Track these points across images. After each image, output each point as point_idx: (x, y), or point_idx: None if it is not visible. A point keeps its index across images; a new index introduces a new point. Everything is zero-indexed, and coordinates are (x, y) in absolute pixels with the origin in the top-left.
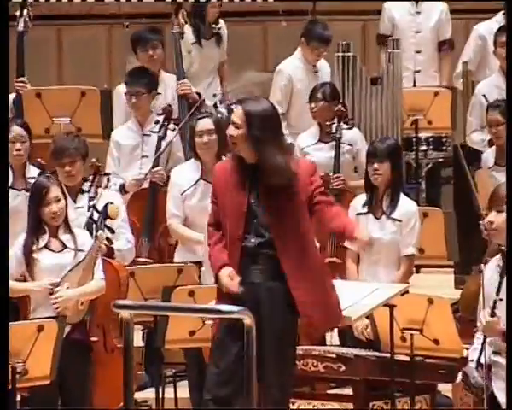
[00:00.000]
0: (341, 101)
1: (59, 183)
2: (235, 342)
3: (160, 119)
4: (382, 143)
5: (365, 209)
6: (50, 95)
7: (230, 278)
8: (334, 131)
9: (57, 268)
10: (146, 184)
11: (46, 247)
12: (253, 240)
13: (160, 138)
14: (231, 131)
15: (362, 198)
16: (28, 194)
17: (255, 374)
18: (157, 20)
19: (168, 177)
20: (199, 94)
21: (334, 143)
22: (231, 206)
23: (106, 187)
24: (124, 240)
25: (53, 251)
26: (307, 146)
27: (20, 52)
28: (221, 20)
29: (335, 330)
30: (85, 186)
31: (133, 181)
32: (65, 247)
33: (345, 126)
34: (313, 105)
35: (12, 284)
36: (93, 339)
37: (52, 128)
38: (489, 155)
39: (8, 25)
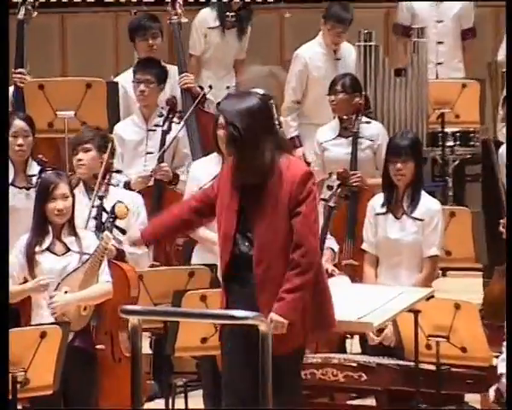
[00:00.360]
0: (363, 93)
1: (69, 180)
2: (238, 349)
3: (164, 111)
4: (404, 140)
5: (384, 209)
6: (54, 87)
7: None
8: (351, 125)
9: (60, 273)
10: (150, 182)
11: (49, 249)
12: (240, 242)
13: (165, 133)
14: (220, 131)
15: (381, 197)
16: (28, 192)
17: (271, 383)
18: (161, 8)
19: (174, 174)
20: (201, 87)
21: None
22: (226, 204)
23: (117, 185)
24: None
25: (56, 254)
26: (326, 141)
27: (20, 42)
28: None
29: (356, 336)
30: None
31: (139, 179)
32: (68, 250)
33: (363, 120)
34: (332, 98)
35: (10, 288)
36: (99, 347)
37: (55, 122)
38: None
39: (9, 12)
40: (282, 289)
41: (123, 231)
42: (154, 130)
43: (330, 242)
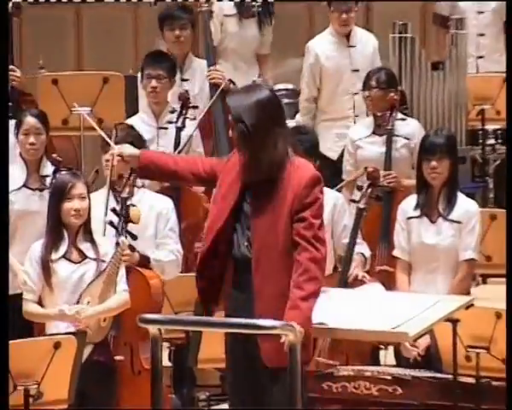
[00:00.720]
0: (398, 88)
1: (86, 181)
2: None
3: (177, 107)
4: (439, 137)
5: (418, 212)
6: (68, 81)
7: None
8: (385, 122)
9: (76, 281)
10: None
11: (65, 257)
12: (240, 242)
13: (179, 129)
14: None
15: (412, 200)
16: (42, 194)
17: (300, 397)
18: None
19: None
20: (232, 82)
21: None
22: (223, 194)
23: (143, 186)
24: (166, 251)
25: (72, 262)
26: (360, 139)
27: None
28: (270, 4)
29: (390, 348)
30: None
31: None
32: (85, 257)
33: (398, 117)
34: (367, 93)
35: (31, 307)
36: (118, 358)
37: (70, 119)
38: None
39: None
40: (295, 297)
41: (134, 237)
42: (166, 128)
43: (361, 247)
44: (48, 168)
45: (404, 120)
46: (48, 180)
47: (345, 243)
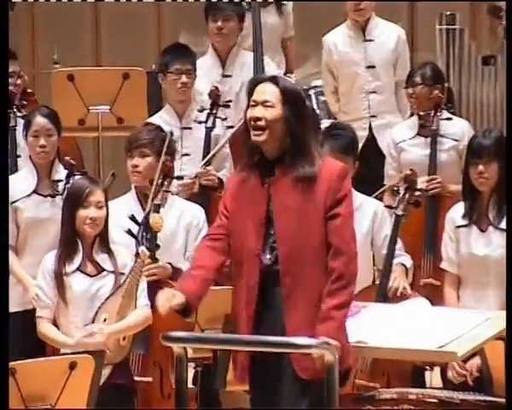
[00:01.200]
0: (445, 85)
1: (106, 189)
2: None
3: (206, 105)
4: (487, 138)
5: (466, 221)
6: (85, 77)
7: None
8: (429, 122)
9: (92, 296)
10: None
11: (80, 269)
12: (268, 256)
13: (209, 130)
14: (260, 112)
15: (461, 207)
16: (54, 200)
17: None
18: None
19: (220, 180)
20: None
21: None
22: (248, 216)
23: (177, 193)
24: None
25: (88, 275)
26: (403, 140)
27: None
28: None
29: (437, 368)
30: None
31: (180, 186)
32: (102, 270)
33: (443, 117)
34: (410, 90)
35: (45, 328)
36: (146, 380)
37: (87, 118)
38: None
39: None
40: (328, 306)
41: (157, 246)
42: (190, 128)
43: (401, 257)
44: (60, 173)
45: (450, 119)
46: (60, 185)
47: (384, 254)
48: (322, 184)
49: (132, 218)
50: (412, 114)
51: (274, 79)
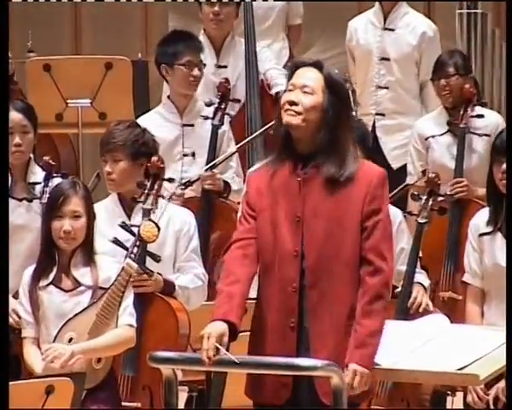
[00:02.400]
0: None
1: (86, 194)
2: None
3: (215, 99)
4: None
5: (490, 228)
6: (64, 67)
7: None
8: (458, 119)
9: (67, 314)
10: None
11: (53, 283)
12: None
13: (216, 128)
14: (297, 96)
15: (486, 213)
16: (30, 204)
17: None
18: None
19: (225, 183)
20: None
21: (469, 136)
22: (282, 214)
23: (170, 198)
24: (190, 275)
25: (62, 290)
26: (432, 136)
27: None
28: None
29: (459, 393)
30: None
31: (179, 190)
32: (80, 285)
33: (474, 113)
34: (443, 82)
35: (27, 351)
36: (135, 405)
37: (66, 113)
38: None
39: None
40: (365, 331)
41: (155, 257)
42: (192, 125)
43: (420, 276)
44: (37, 174)
45: (481, 116)
46: (37, 188)
47: (401, 270)
48: (360, 190)
49: (124, 226)
50: (446, 109)
51: (318, 64)
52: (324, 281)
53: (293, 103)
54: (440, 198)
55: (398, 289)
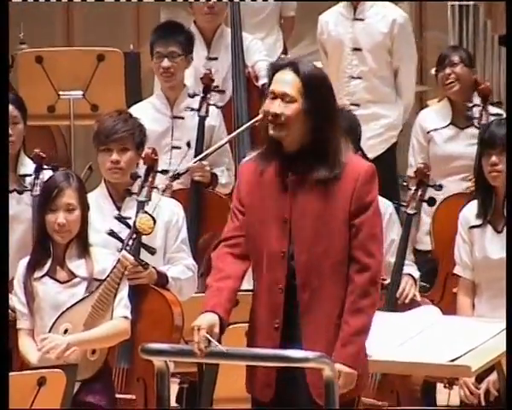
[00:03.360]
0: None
1: (80, 186)
2: None
3: (198, 90)
4: (502, 127)
5: (480, 220)
6: (56, 59)
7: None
8: (477, 115)
9: (62, 306)
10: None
11: (48, 275)
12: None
13: (202, 119)
14: (279, 107)
15: (475, 205)
16: (21, 196)
17: None
18: None
19: (213, 174)
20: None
21: (472, 129)
22: (269, 213)
23: (164, 190)
24: (181, 266)
25: (57, 281)
26: (435, 129)
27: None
28: None
29: (455, 387)
30: (135, 187)
31: (170, 180)
32: (75, 276)
33: (493, 111)
34: (448, 70)
35: (22, 343)
36: (129, 397)
37: (58, 105)
38: None
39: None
40: (350, 329)
41: (150, 250)
42: (182, 117)
43: (409, 268)
44: (27, 166)
45: (500, 115)
46: (28, 180)
47: (390, 262)
48: (346, 187)
49: (119, 218)
50: (450, 101)
51: (294, 66)
52: (315, 281)
53: (275, 115)
54: (429, 188)
55: (388, 281)
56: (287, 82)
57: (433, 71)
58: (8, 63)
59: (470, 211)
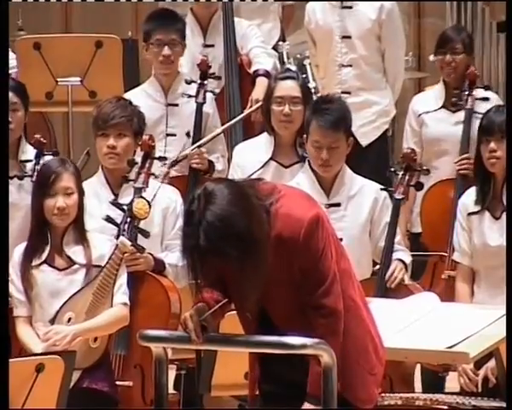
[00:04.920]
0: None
1: (76, 172)
2: None
3: (195, 77)
4: (500, 114)
5: (478, 207)
6: (54, 46)
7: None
8: (463, 101)
9: (61, 293)
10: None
11: (47, 262)
12: None
13: (200, 105)
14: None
15: (474, 192)
16: (21, 183)
17: None
18: None
19: (210, 161)
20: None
21: (463, 113)
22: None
23: (164, 178)
24: (178, 253)
25: (56, 268)
26: (426, 112)
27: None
28: None
29: (451, 373)
30: (132, 174)
31: (166, 167)
32: (73, 263)
33: (480, 96)
34: (449, 58)
35: (20, 330)
36: (127, 384)
37: (56, 92)
38: None
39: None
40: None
41: (145, 234)
42: (176, 104)
43: (400, 252)
44: (28, 153)
45: (487, 99)
46: (28, 166)
47: (381, 246)
48: (285, 248)
49: (115, 203)
50: (445, 84)
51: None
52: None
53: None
54: (417, 173)
55: (377, 267)
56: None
57: (431, 57)
58: (8, 50)
59: (469, 198)
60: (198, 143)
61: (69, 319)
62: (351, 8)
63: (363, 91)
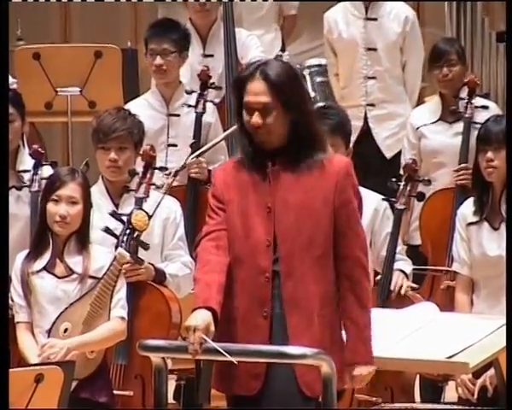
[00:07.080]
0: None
1: (85, 183)
2: None
3: (195, 87)
4: (498, 124)
5: (477, 217)
6: (53, 56)
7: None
8: (462, 109)
9: (59, 301)
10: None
11: (46, 269)
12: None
13: (200, 115)
14: (261, 119)
15: (473, 202)
16: (19, 193)
17: None
18: None
19: (209, 171)
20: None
21: (461, 124)
22: (252, 204)
23: (166, 190)
24: (179, 263)
25: (55, 276)
26: (424, 125)
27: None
28: None
29: (450, 382)
30: (133, 184)
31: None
32: (72, 272)
33: (479, 104)
34: (445, 70)
35: (21, 337)
36: (127, 394)
37: (55, 102)
38: None
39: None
40: (363, 331)
41: (144, 246)
42: (178, 115)
43: (401, 262)
44: (26, 163)
45: (486, 107)
46: (26, 176)
47: (383, 256)
48: (328, 179)
49: (114, 215)
50: (441, 96)
51: (263, 72)
52: (298, 270)
53: (259, 127)
54: (418, 183)
55: (379, 277)
56: (259, 91)
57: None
58: (8, 60)
59: (467, 208)
60: (197, 153)
61: (66, 330)
62: (376, 19)
63: (386, 103)
